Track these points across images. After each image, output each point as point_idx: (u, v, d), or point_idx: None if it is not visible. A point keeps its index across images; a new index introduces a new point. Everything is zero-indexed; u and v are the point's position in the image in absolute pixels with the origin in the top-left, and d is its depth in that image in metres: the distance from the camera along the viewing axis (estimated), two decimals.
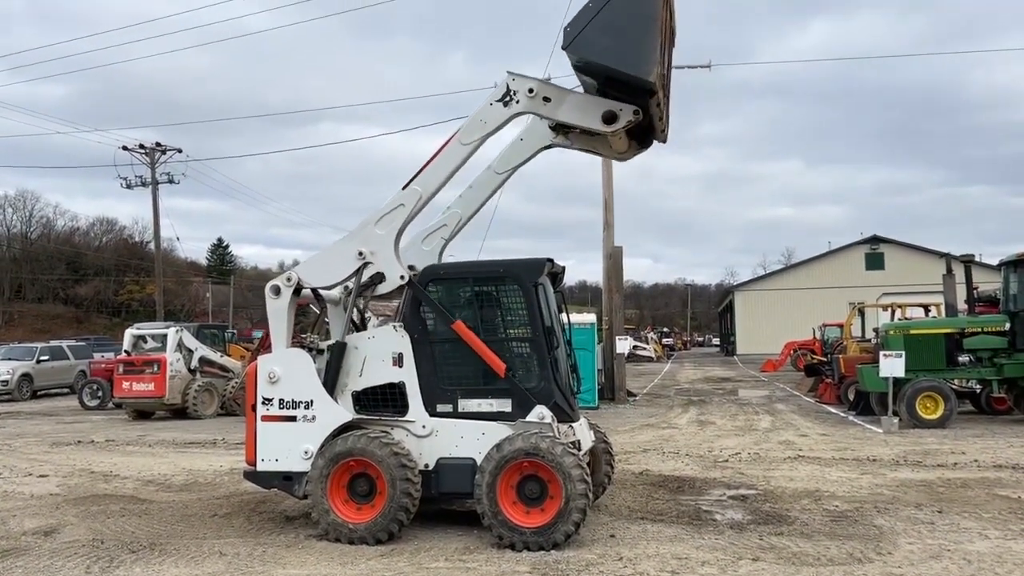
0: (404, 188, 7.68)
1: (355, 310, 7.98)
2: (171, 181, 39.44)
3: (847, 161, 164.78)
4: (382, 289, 7.78)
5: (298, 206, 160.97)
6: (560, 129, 7.97)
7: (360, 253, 7.65)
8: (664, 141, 8.04)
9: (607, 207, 23.78)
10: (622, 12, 6.82)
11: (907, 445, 12.88)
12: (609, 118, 7.25)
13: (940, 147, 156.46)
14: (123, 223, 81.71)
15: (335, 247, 7.95)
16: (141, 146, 38.88)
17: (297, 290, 7.80)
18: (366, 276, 7.71)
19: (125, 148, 38.60)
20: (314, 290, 8.00)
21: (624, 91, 7.18)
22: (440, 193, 7.89)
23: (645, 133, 7.88)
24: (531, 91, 7.41)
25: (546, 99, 7.43)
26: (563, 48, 7.00)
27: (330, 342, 7.85)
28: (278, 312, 7.77)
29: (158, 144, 39.13)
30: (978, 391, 17.51)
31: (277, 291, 7.78)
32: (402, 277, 7.59)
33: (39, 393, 29.33)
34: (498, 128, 7.63)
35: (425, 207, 7.75)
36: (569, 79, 7.85)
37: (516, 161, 8.28)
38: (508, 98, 7.45)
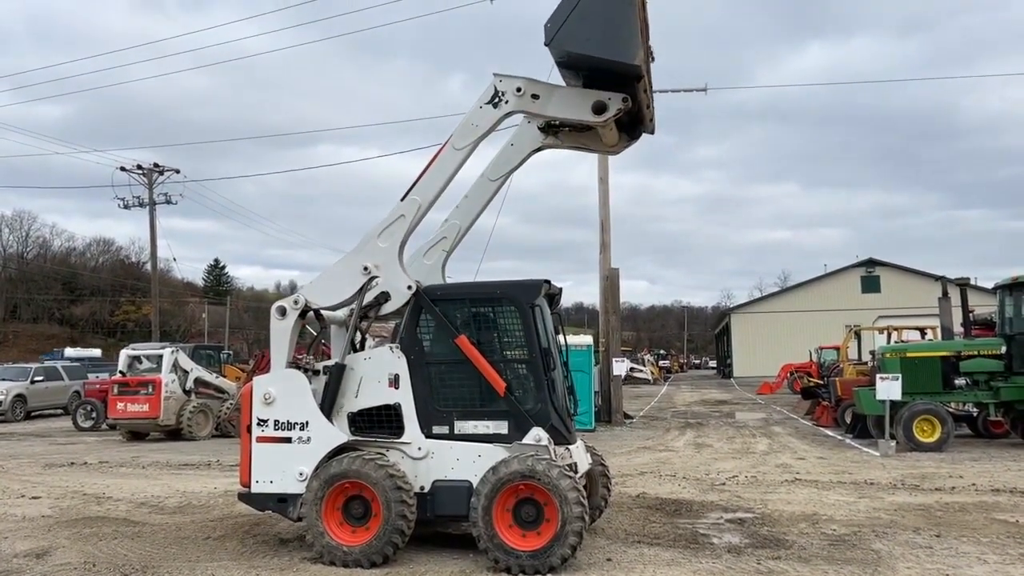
0: (403, 199, 7.70)
1: (356, 331, 7.96)
2: (168, 202, 39.44)
3: (844, 184, 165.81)
4: (387, 308, 7.77)
5: (296, 227, 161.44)
6: (549, 129, 8.02)
7: (365, 268, 7.65)
8: (652, 132, 8.08)
9: (604, 228, 23.84)
10: (599, 1, 6.87)
11: (904, 468, 12.84)
12: (599, 108, 7.27)
13: (937, 170, 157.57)
14: (120, 243, 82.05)
15: (340, 265, 7.93)
16: (139, 167, 38.94)
17: (303, 312, 7.80)
18: (371, 296, 7.70)
19: (123, 169, 38.66)
20: (316, 312, 7.99)
21: (610, 80, 7.22)
22: (438, 205, 7.92)
23: (634, 124, 7.91)
24: (519, 90, 7.44)
25: (535, 96, 7.46)
26: (545, 44, 7.04)
27: (327, 363, 7.83)
28: (281, 333, 7.77)
29: (156, 165, 39.21)
30: (975, 414, 17.50)
31: (283, 312, 7.78)
32: (409, 287, 7.58)
33: (33, 414, 29.16)
34: (490, 130, 7.66)
35: (425, 216, 7.76)
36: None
37: (509, 166, 8.30)
38: (497, 99, 7.48)
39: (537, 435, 7.12)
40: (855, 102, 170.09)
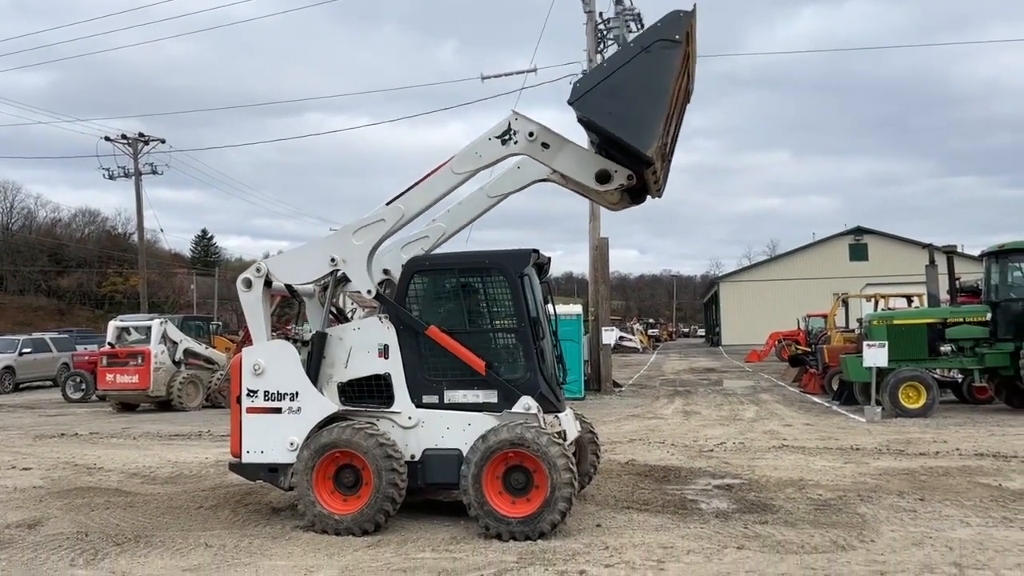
0: (388, 204, 7.67)
1: (331, 303, 8.01)
2: (154, 172, 39.03)
3: (835, 152, 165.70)
4: (352, 286, 7.83)
5: (283, 197, 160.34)
6: None
7: (333, 259, 7.65)
8: (659, 197, 8.01)
9: None
10: (633, 80, 6.83)
11: (890, 434, 12.99)
12: (603, 177, 7.26)
13: (928, 138, 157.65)
14: (106, 214, 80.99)
15: (309, 248, 7.98)
16: (124, 136, 38.46)
17: (268, 281, 7.80)
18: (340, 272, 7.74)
19: (107, 139, 38.17)
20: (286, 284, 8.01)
21: (623, 154, 7.16)
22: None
23: (639, 191, 7.80)
24: (531, 135, 7.38)
25: (545, 145, 7.40)
26: (568, 103, 7.04)
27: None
28: (252, 304, 7.80)
29: (141, 135, 38.76)
30: (960, 380, 17.71)
31: (248, 284, 7.80)
32: (369, 292, 7.58)
33: (21, 386, 29.11)
34: (492, 164, 7.67)
35: (405, 227, 7.72)
36: (553, 73, 7.81)
37: (509, 188, 8.26)
38: (507, 137, 7.42)
39: (526, 403, 7.17)
40: (848, 69, 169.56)
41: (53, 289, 69.50)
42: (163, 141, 38.95)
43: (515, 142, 7.42)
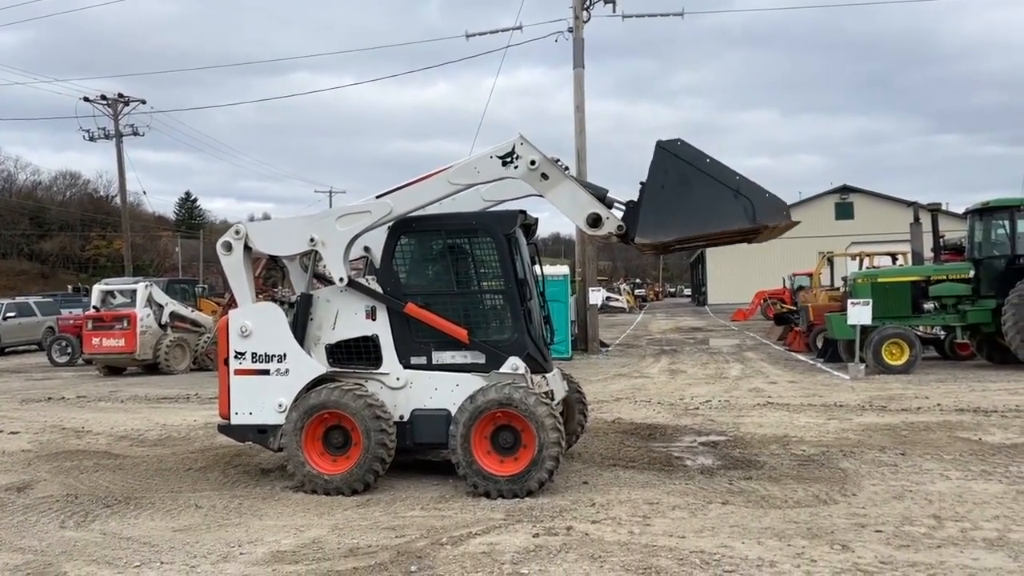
0: (378, 197, 7.62)
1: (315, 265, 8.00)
2: (136, 133, 38.53)
3: (824, 110, 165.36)
4: (324, 266, 7.84)
5: (267, 158, 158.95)
6: None
7: (312, 239, 7.59)
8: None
9: (580, 158, 23.66)
10: (702, 196, 6.94)
11: (873, 391, 13.16)
12: (594, 220, 7.20)
13: (915, 96, 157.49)
14: (87, 177, 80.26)
15: (291, 223, 7.94)
16: (103, 97, 37.83)
17: (247, 246, 7.78)
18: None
19: (87, 99, 37.55)
20: None
21: (635, 207, 7.19)
22: None
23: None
24: (533, 163, 7.26)
25: (544, 176, 7.29)
26: (658, 141, 7.12)
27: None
28: (234, 267, 7.76)
29: (121, 95, 38.12)
30: (942, 337, 17.91)
31: (228, 247, 7.74)
32: (341, 280, 7.53)
33: (7, 350, 28.98)
34: (488, 182, 7.62)
35: (388, 224, 7.64)
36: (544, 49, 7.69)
37: (505, 196, 8.22)
38: (509, 160, 7.30)
39: (514, 364, 7.20)
40: (838, 26, 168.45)
41: (36, 253, 68.80)
42: (143, 102, 38.40)
43: (515, 167, 7.32)
